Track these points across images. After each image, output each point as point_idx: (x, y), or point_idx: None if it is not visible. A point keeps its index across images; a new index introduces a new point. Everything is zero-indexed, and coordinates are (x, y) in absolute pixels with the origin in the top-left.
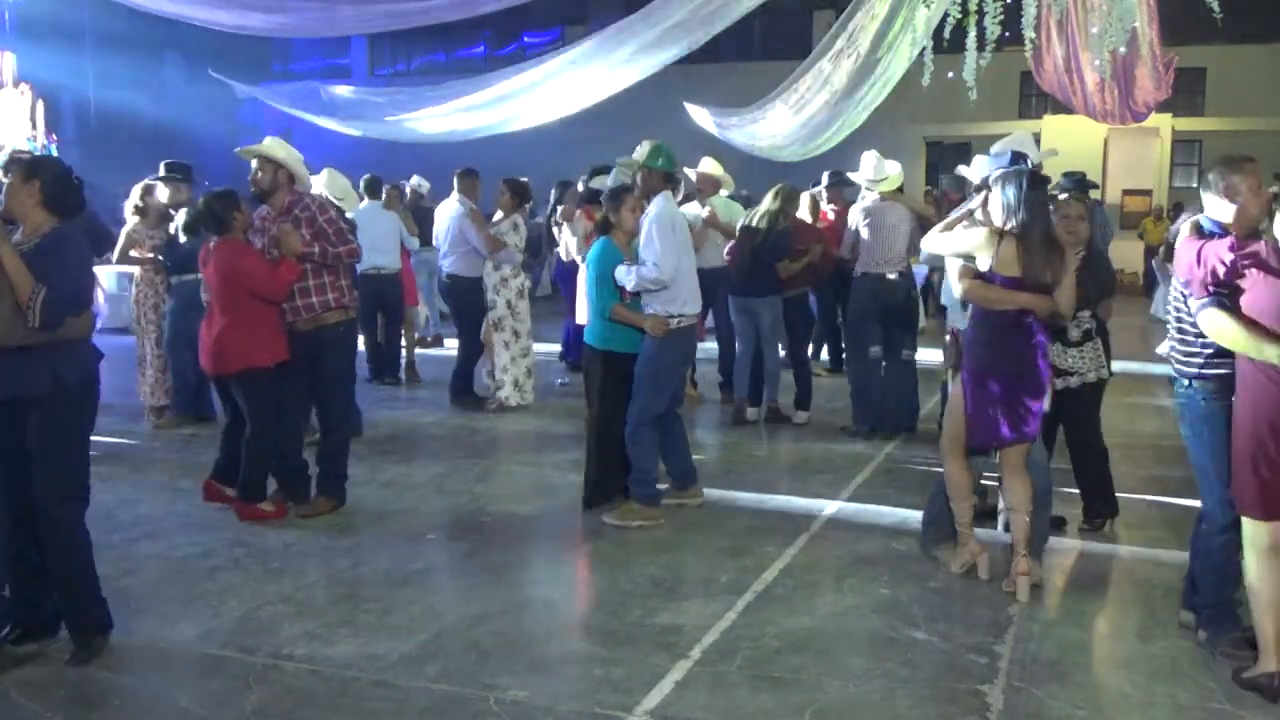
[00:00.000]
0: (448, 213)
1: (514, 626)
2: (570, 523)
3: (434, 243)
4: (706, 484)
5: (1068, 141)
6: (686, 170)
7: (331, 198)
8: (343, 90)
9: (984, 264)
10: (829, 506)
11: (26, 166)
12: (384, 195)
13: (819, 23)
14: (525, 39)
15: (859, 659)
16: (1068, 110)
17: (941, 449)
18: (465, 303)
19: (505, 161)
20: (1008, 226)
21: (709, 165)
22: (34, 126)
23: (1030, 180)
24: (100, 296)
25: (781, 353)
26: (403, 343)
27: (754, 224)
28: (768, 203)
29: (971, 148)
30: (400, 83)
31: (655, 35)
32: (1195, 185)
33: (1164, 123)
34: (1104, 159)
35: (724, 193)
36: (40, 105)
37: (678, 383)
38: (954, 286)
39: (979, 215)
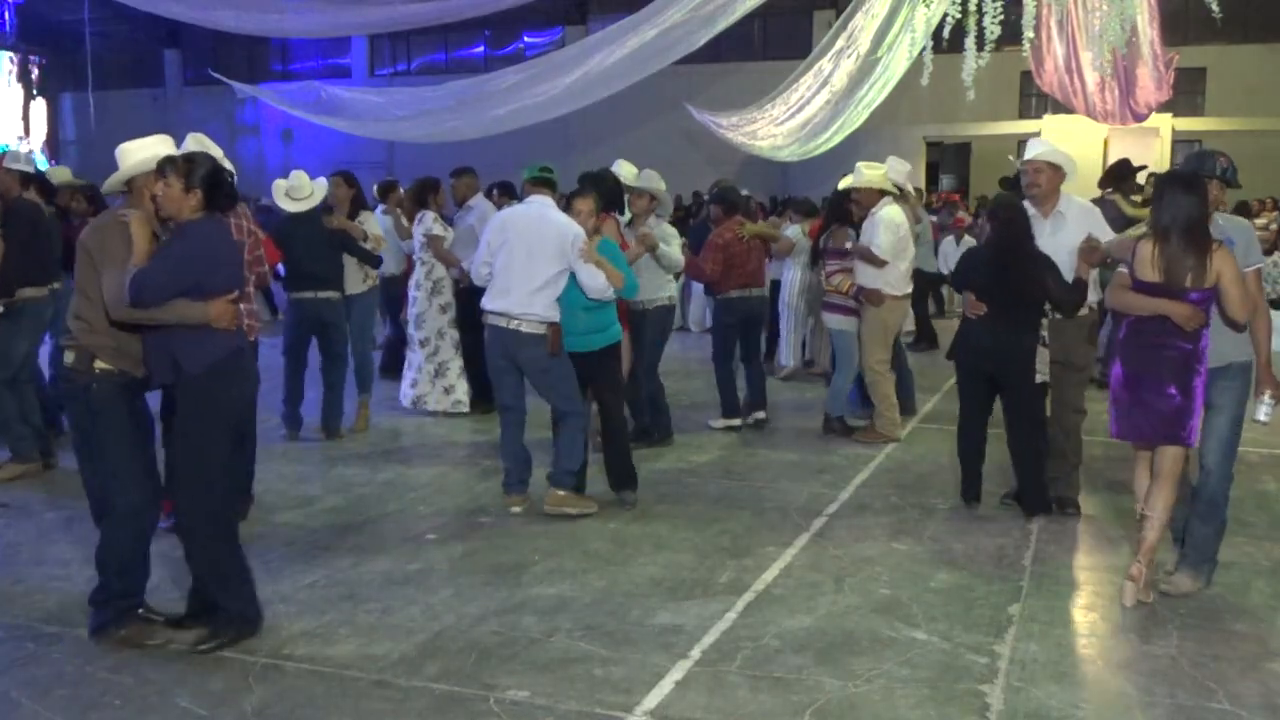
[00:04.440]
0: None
1: (514, 626)
2: (570, 523)
3: None
4: (707, 484)
5: (1068, 141)
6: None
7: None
8: (342, 91)
9: (1128, 267)
10: (829, 506)
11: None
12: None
13: (819, 23)
14: (525, 39)
15: (859, 659)
16: (1068, 110)
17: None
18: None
19: (504, 161)
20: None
21: (627, 171)
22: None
23: (1176, 181)
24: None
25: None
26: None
27: None
28: None
29: (972, 148)
30: (400, 83)
31: (655, 35)
32: None
33: (1164, 123)
34: (1104, 159)
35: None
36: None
37: (558, 389)
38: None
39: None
